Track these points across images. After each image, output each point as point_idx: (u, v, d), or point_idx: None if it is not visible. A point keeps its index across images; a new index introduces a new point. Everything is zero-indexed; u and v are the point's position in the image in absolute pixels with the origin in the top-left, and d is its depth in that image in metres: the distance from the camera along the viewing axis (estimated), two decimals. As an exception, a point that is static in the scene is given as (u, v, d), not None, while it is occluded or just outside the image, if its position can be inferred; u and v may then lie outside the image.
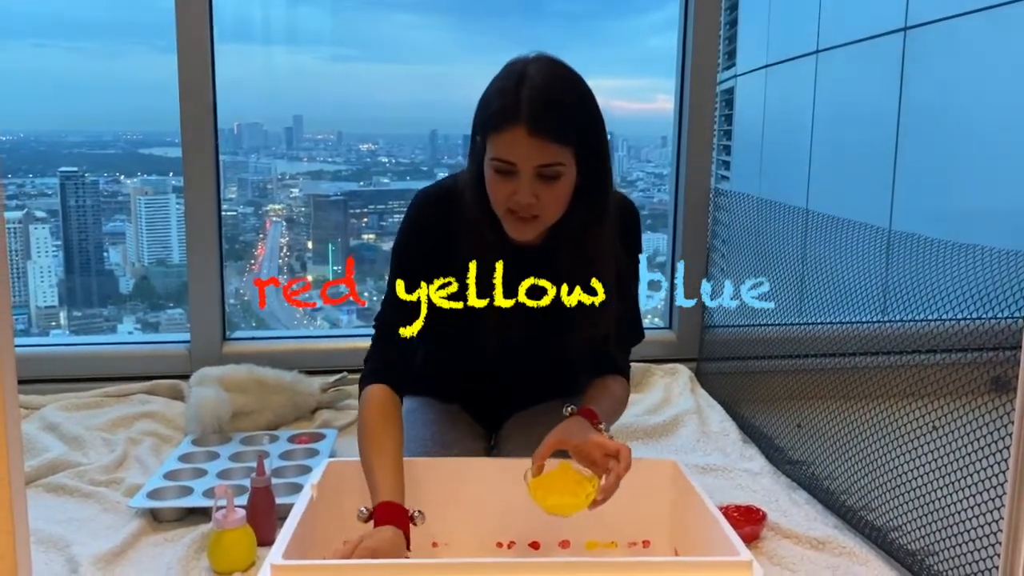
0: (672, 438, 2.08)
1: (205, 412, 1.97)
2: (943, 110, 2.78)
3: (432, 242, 1.50)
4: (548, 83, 1.36)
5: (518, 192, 1.36)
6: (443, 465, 1.47)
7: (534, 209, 1.38)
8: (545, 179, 1.35)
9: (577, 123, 1.37)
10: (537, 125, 1.32)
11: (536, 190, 1.35)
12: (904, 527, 1.50)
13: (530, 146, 1.32)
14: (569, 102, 1.37)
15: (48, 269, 3.34)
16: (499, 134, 1.34)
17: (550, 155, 1.34)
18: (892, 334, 1.74)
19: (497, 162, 1.35)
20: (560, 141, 1.34)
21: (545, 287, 1.38)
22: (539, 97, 1.33)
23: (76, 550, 1.48)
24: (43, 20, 3.12)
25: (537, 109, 1.32)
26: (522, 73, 1.36)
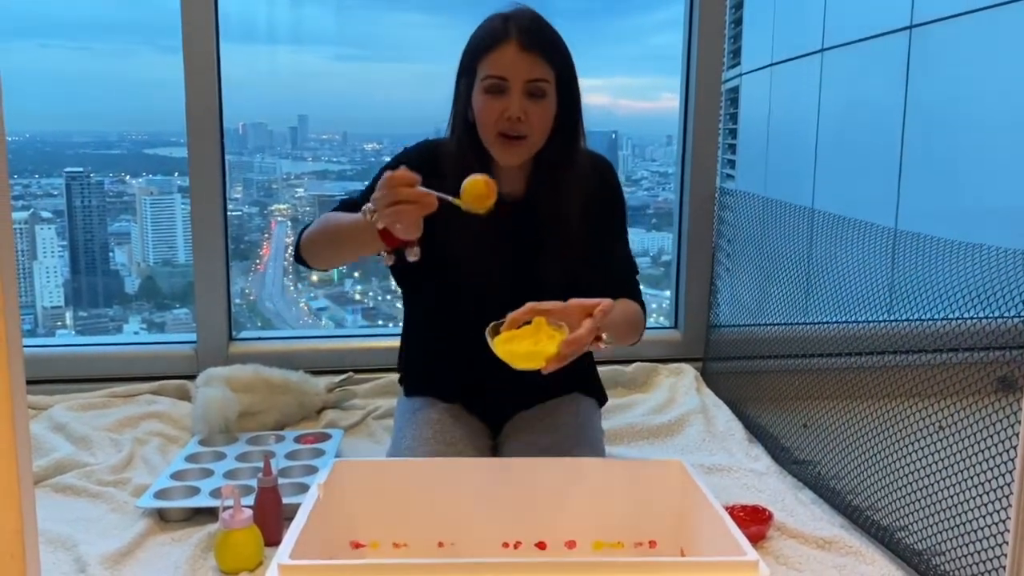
0: (678, 438, 2.08)
1: (212, 412, 1.98)
2: (949, 108, 2.77)
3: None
4: (532, 16, 1.55)
5: (509, 108, 1.49)
6: (449, 465, 1.47)
7: (522, 128, 1.51)
8: (532, 96, 1.50)
9: (559, 50, 1.55)
10: (527, 40, 1.49)
11: (525, 107, 1.50)
12: (911, 527, 1.50)
13: (521, 60, 1.49)
14: (551, 32, 1.55)
15: (54, 269, 3.35)
16: (491, 52, 1.50)
17: (539, 70, 1.50)
18: (898, 333, 1.73)
19: (490, 80, 1.50)
20: (547, 59, 1.51)
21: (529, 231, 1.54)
22: (526, 22, 1.52)
23: (84, 550, 1.49)
24: (48, 20, 3.13)
25: (526, 28, 1.51)
26: (505, 14, 1.54)
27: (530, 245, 1.61)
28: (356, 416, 2.18)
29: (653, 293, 3.50)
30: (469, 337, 1.63)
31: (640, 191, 3.99)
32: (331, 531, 1.32)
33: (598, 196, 1.68)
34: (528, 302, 1.40)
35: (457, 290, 1.66)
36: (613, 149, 3.85)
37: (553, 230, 1.59)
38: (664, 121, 2.74)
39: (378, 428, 2.12)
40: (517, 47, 1.49)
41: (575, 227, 1.61)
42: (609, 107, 3.85)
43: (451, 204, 1.38)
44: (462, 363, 1.75)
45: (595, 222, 1.66)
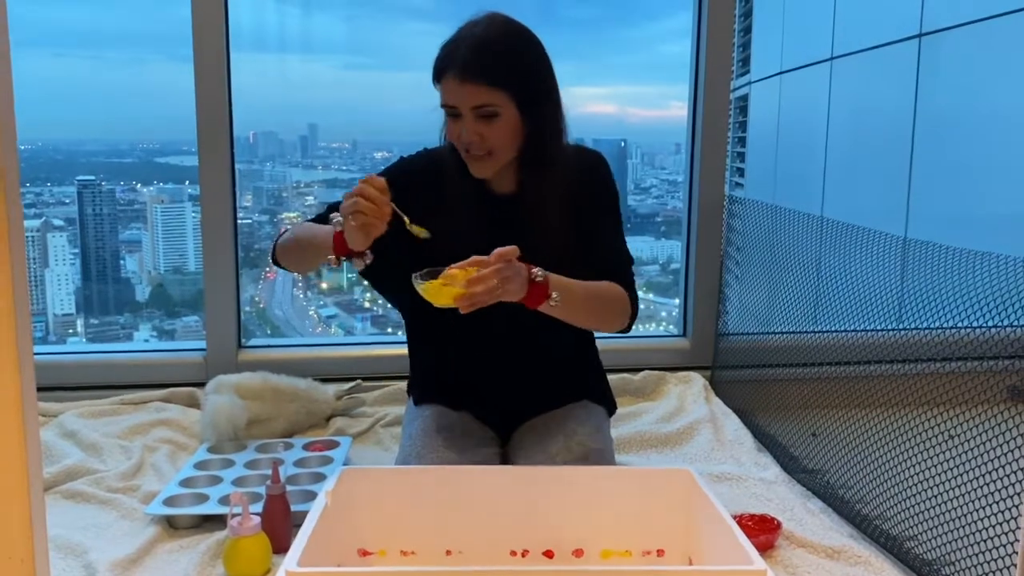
0: (686, 446, 2.08)
1: (220, 420, 1.98)
2: (959, 116, 2.77)
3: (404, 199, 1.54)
4: (483, 35, 1.56)
5: (462, 132, 1.56)
6: (456, 473, 1.47)
7: (482, 146, 1.57)
8: (484, 118, 1.55)
9: (507, 70, 1.55)
10: (467, 72, 1.52)
11: (479, 129, 1.56)
12: (920, 536, 1.49)
13: (463, 90, 1.53)
14: (500, 50, 1.56)
15: (65, 277, 3.37)
16: (441, 82, 1.56)
17: (483, 97, 1.53)
18: (908, 342, 1.73)
19: (444, 107, 1.58)
20: (491, 84, 1.53)
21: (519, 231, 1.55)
22: (470, 47, 1.53)
23: (93, 556, 1.49)
24: (61, 29, 3.15)
25: (466, 58, 1.53)
26: (463, 27, 1.57)
27: (518, 239, 1.57)
28: (365, 424, 2.18)
29: (662, 301, 3.50)
30: (468, 338, 1.69)
31: (649, 199, 3.99)
32: (339, 539, 1.32)
33: (586, 187, 1.72)
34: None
35: None
36: (622, 157, 3.86)
37: (537, 225, 1.64)
38: (673, 129, 2.74)
39: (386, 436, 2.13)
40: (457, 79, 1.53)
41: (559, 222, 1.66)
42: (618, 115, 3.85)
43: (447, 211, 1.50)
44: (467, 370, 1.76)
45: (583, 212, 1.71)
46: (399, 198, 1.56)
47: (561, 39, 3.45)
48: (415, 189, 1.64)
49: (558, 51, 1.64)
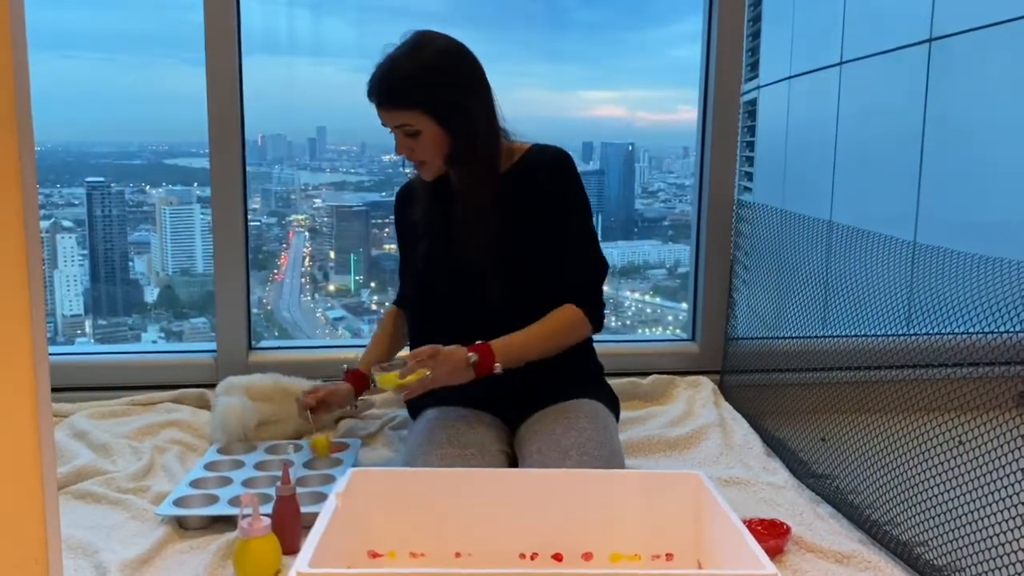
0: (695, 451, 2.08)
1: (231, 421, 1.99)
2: (968, 122, 2.76)
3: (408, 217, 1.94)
4: (392, 63, 1.73)
5: (399, 147, 1.76)
6: (466, 475, 1.48)
7: (416, 157, 1.77)
8: (409, 136, 1.73)
9: (416, 92, 1.70)
10: (381, 99, 1.73)
11: (407, 144, 1.75)
12: (930, 542, 1.49)
13: (384, 115, 1.74)
14: (406, 75, 1.71)
15: (74, 278, 3.39)
16: (375, 107, 1.75)
17: (399, 118, 1.72)
18: (917, 347, 1.72)
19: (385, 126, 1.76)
20: (405, 107, 1.71)
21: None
22: (382, 76, 1.72)
23: (104, 556, 1.50)
24: (72, 31, 3.17)
25: (381, 85, 1.72)
26: (384, 56, 1.74)
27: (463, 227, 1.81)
28: (374, 425, 2.18)
29: (669, 305, 3.50)
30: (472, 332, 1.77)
31: (657, 203, 4.00)
32: (349, 540, 1.33)
33: (546, 185, 1.82)
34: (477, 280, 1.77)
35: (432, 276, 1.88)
36: (630, 161, 3.87)
37: (473, 218, 1.79)
38: (681, 133, 2.75)
39: (395, 438, 2.13)
40: (377, 106, 1.74)
41: (499, 216, 1.78)
42: (627, 119, 3.86)
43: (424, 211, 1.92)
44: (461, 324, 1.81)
45: (545, 212, 1.81)
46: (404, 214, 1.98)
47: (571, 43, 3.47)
48: (412, 199, 1.93)
49: (566, 55, 1.66)
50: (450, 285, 1.84)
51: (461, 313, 1.82)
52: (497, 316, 1.77)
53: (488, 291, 1.78)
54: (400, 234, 2.02)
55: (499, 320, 1.76)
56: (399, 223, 2.02)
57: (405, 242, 2.00)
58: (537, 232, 1.80)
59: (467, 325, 1.77)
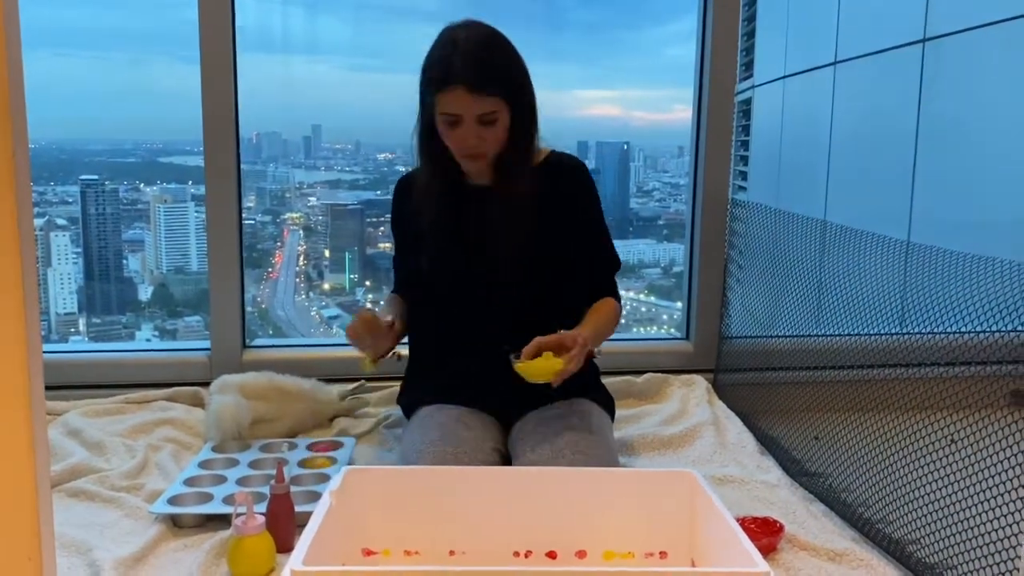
0: (689, 449, 2.08)
1: (225, 419, 1.99)
2: (962, 121, 2.77)
3: (407, 210, 1.89)
4: (478, 45, 1.69)
5: (465, 138, 1.70)
6: (460, 473, 1.48)
7: (480, 149, 1.73)
8: (485, 124, 1.69)
9: (504, 76, 1.70)
10: (474, 82, 1.65)
11: (479, 133, 1.70)
12: (922, 540, 1.49)
13: (469, 100, 1.66)
14: (497, 62, 1.70)
15: (68, 276, 3.38)
16: (444, 94, 1.67)
17: (486, 105, 1.68)
18: (910, 346, 1.73)
19: (445, 116, 1.69)
20: (492, 93, 1.67)
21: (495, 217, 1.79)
22: (473, 59, 1.66)
23: (97, 555, 1.50)
24: (66, 29, 3.16)
25: (471, 69, 1.65)
26: (454, 40, 1.68)
27: (491, 228, 1.82)
28: (368, 424, 2.18)
29: (664, 304, 3.50)
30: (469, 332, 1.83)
31: (652, 202, 4.00)
32: (343, 538, 1.33)
33: (569, 192, 1.87)
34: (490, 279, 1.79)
35: (438, 276, 1.85)
36: (625, 160, 3.87)
37: (509, 215, 1.79)
38: (676, 133, 2.75)
39: (390, 436, 2.13)
40: (466, 90, 1.65)
41: (531, 215, 1.80)
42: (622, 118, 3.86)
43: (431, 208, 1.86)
44: (467, 363, 1.79)
45: (569, 217, 1.86)
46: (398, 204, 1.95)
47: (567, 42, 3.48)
48: (409, 195, 1.89)
49: (563, 54, 1.68)
50: (468, 285, 1.84)
51: (478, 312, 1.83)
52: (516, 314, 1.79)
53: (513, 290, 1.80)
54: (398, 226, 2.00)
55: (516, 318, 1.78)
56: (398, 215, 1.99)
57: (405, 236, 1.98)
58: (561, 233, 1.84)
59: (485, 323, 1.81)
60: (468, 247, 1.83)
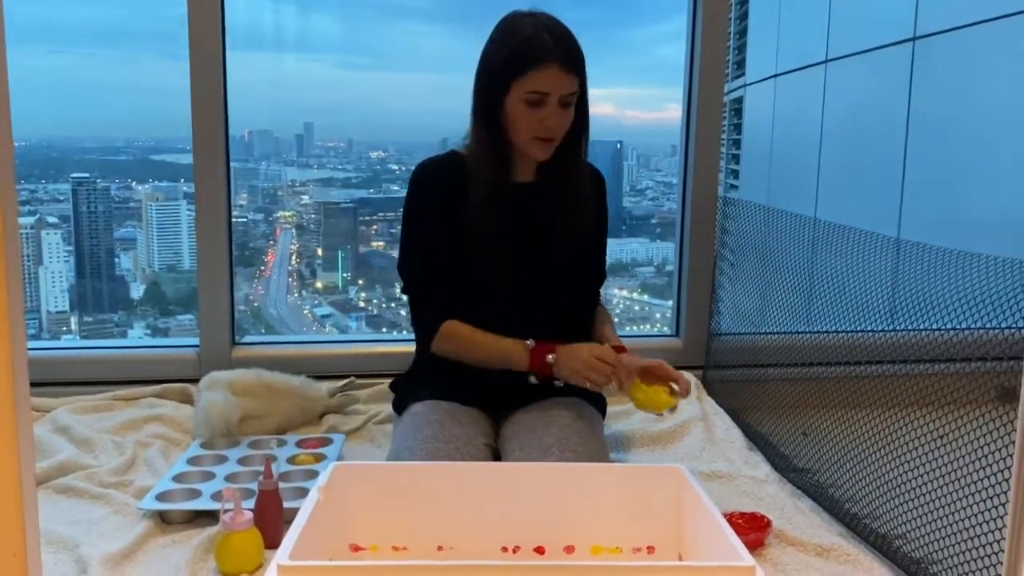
0: (677, 445, 2.09)
1: (213, 416, 1.99)
2: (952, 120, 2.78)
3: (438, 197, 1.80)
4: (564, 28, 1.71)
5: (548, 117, 1.69)
6: (448, 469, 1.48)
7: (557, 131, 1.72)
8: (564, 106, 1.70)
9: (583, 62, 1.72)
10: (569, 60, 1.68)
11: (561, 115, 1.71)
12: (908, 535, 1.50)
13: (562, 78, 1.67)
14: (579, 45, 1.71)
15: (59, 274, 3.37)
16: (537, 71, 1.65)
17: (573, 85, 1.69)
18: (899, 343, 1.74)
19: (533, 94, 1.67)
20: (579, 75, 1.70)
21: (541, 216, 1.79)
22: (564, 38, 1.68)
23: (85, 551, 1.50)
24: (57, 26, 3.15)
25: (565, 48, 1.67)
26: (537, 22, 1.69)
27: (542, 225, 1.82)
28: (357, 421, 2.18)
29: (657, 303, 3.51)
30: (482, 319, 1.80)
31: (645, 201, 4.00)
32: (331, 534, 1.33)
33: (595, 201, 1.90)
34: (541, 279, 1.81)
35: (474, 273, 1.81)
36: (618, 159, 3.87)
37: (566, 203, 1.81)
38: (669, 131, 2.75)
39: (379, 433, 2.13)
40: (560, 67, 1.66)
41: (585, 199, 1.83)
42: (615, 117, 3.86)
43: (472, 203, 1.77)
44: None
45: (596, 223, 1.89)
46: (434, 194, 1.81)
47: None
48: (441, 186, 1.81)
49: None
50: (511, 285, 1.82)
51: (500, 312, 1.81)
52: (533, 316, 1.81)
53: (547, 292, 1.83)
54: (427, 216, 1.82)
55: (532, 319, 1.79)
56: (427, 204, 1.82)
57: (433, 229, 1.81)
58: (591, 240, 1.90)
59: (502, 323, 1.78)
60: (521, 247, 1.82)
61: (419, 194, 1.83)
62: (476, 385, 1.81)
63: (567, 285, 1.86)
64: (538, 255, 1.83)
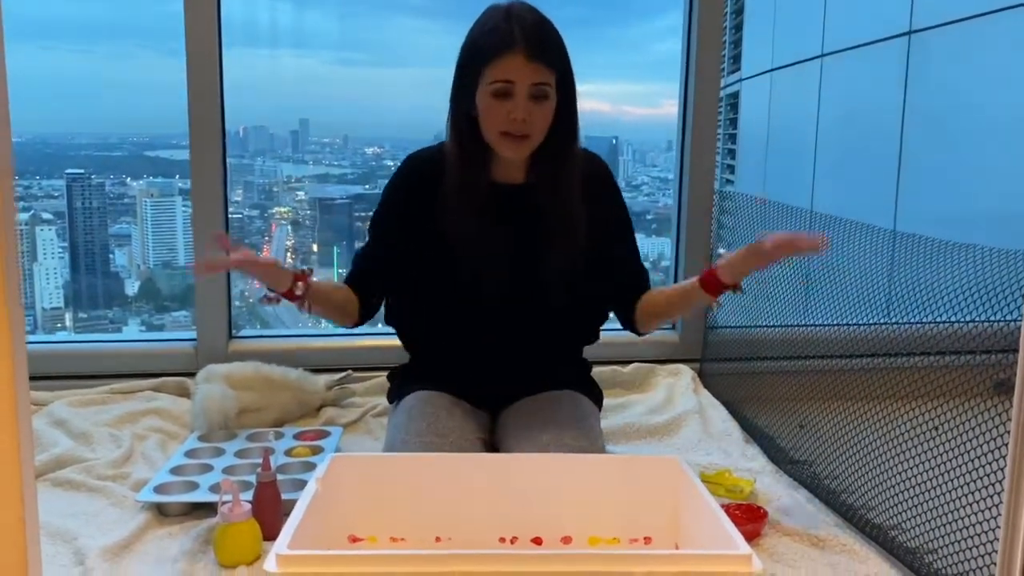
0: (674, 438, 2.09)
1: (211, 409, 1.99)
2: (947, 114, 2.79)
3: (416, 199, 1.73)
4: (535, 18, 1.61)
5: (514, 110, 1.58)
6: (446, 460, 1.48)
7: (526, 127, 1.60)
8: (536, 99, 1.59)
9: (560, 53, 1.63)
10: (534, 49, 1.57)
11: (528, 108, 1.58)
12: (903, 525, 1.51)
13: (527, 67, 1.57)
14: (553, 35, 1.63)
15: (54, 271, 3.36)
16: (498, 59, 1.57)
17: (542, 75, 1.58)
18: (895, 336, 1.74)
19: (497, 84, 1.58)
20: (549, 65, 1.59)
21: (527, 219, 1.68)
22: (530, 27, 1.59)
23: (83, 542, 1.50)
24: (51, 22, 3.14)
25: (531, 36, 1.58)
26: (508, 12, 1.60)
27: (529, 229, 1.72)
28: (355, 414, 2.19)
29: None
30: (469, 321, 1.75)
31: (641, 196, 4.01)
32: (329, 525, 1.33)
33: (599, 196, 1.77)
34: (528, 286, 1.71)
35: (456, 276, 1.73)
36: (614, 155, 3.87)
37: (553, 214, 1.70)
38: (665, 127, 2.76)
39: (376, 426, 2.13)
40: (524, 56, 1.57)
41: (575, 211, 1.70)
42: (611, 113, 3.87)
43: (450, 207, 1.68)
44: (460, 351, 1.79)
45: (600, 224, 1.75)
46: (410, 195, 1.74)
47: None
48: (424, 184, 1.72)
49: None
50: (495, 296, 1.73)
51: (489, 319, 1.75)
52: (528, 323, 1.77)
53: (539, 302, 1.75)
54: (399, 216, 1.76)
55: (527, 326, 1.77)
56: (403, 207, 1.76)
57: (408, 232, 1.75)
58: (597, 243, 1.75)
59: (494, 329, 1.76)
60: (506, 255, 1.72)
61: (391, 191, 1.80)
62: (471, 378, 1.80)
63: (559, 299, 1.75)
64: (522, 265, 1.72)
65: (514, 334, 1.77)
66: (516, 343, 1.78)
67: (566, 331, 1.84)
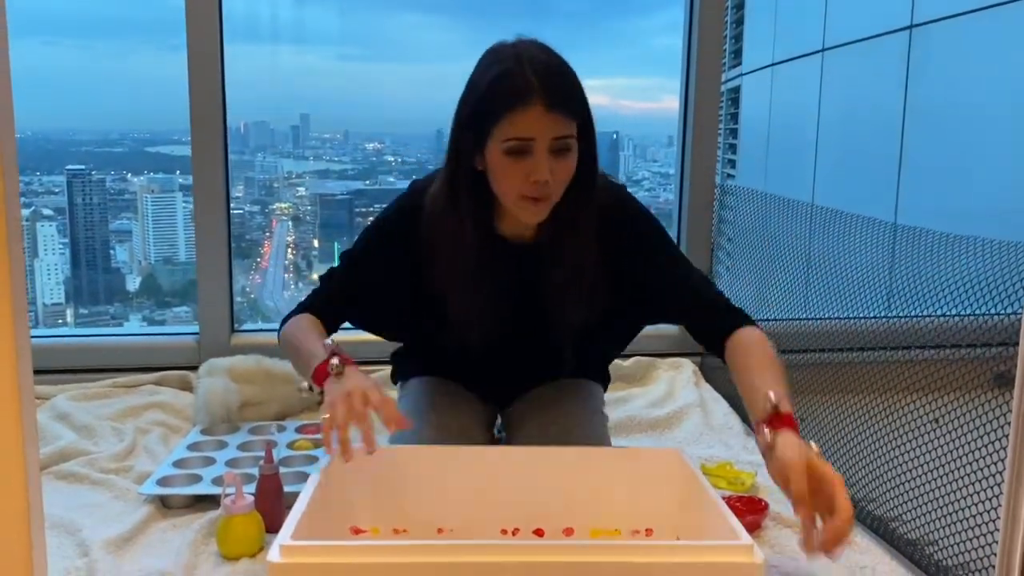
0: (675, 431, 2.10)
1: (214, 402, 1.99)
2: (948, 107, 2.79)
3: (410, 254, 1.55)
4: (549, 60, 1.39)
5: (535, 170, 1.37)
6: (449, 452, 1.49)
7: (548, 189, 1.39)
8: (557, 154, 1.38)
9: (580, 97, 1.41)
10: (553, 98, 1.34)
11: (550, 165, 1.37)
12: (904, 516, 1.51)
13: (546, 119, 1.35)
14: (570, 77, 1.41)
15: (55, 266, 3.37)
16: (514, 113, 1.35)
17: (564, 127, 1.37)
18: (896, 329, 1.75)
19: (513, 142, 1.36)
20: (571, 114, 1.38)
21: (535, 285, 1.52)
22: (547, 73, 1.36)
23: (86, 535, 1.50)
24: (52, 18, 3.15)
25: (548, 83, 1.35)
26: (518, 55, 1.38)
27: (538, 289, 1.55)
28: (358, 408, 2.19)
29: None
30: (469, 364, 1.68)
31: (641, 191, 4.01)
32: (332, 517, 1.33)
33: (621, 231, 1.57)
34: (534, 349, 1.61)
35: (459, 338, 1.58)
36: (614, 150, 3.88)
37: (566, 273, 1.51)
38: (666, 122, 2.76)
39: (378, 419, 2.13)
40: (543, 106, 1.34)
41: (587, 261, 1.51)
42: (611, 108, 3.87)
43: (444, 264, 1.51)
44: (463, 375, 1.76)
45: (628, 260, 1.57)
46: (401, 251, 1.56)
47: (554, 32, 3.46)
48: (418, 240, 1.53)
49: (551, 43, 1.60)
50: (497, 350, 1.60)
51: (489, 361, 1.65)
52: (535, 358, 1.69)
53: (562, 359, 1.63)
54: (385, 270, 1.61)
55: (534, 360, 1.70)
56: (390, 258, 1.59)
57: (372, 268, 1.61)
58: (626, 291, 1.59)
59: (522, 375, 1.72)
60: (511, 320, 1.57)
61: (380, 235, 1.62)
62: (479, 373, 1.78)
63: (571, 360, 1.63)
64: (531, 329, 1.58)
65: (520, 374, 1.74)
66: (523, 377, 1.76)
67: (578, 369, 1.77)
